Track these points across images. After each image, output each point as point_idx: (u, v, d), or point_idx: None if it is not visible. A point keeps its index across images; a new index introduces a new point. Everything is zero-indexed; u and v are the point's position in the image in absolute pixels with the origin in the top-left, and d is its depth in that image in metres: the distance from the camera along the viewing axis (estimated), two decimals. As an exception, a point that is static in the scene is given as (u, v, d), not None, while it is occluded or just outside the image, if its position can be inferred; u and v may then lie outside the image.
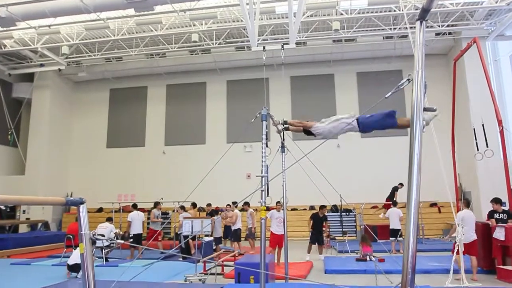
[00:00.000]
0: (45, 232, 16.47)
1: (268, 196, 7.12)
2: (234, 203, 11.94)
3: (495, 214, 8.17)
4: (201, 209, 15.20)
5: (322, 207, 10.89)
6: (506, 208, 9.48)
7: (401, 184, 13.93)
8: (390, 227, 11.47)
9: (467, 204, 8.13)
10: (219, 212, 13.25)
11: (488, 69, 10.80)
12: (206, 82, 19.42)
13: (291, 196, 7.37)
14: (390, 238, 11.40)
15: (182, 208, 11.84)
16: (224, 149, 6.97)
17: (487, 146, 8.90)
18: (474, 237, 7.67)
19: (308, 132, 4.76)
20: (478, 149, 9.24)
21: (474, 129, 9.69)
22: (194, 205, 12.65)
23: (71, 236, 10.46)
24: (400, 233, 11.13)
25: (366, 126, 4.46)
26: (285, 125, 5.27)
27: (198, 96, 19.34)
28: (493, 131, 10.46)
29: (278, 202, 9.69)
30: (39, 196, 16.00)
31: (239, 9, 13.14)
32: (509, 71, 16.08)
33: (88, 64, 18.84)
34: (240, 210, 12.20)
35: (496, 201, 8.24)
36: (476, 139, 9.52)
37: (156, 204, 12.14)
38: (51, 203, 2.89)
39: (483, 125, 9.10)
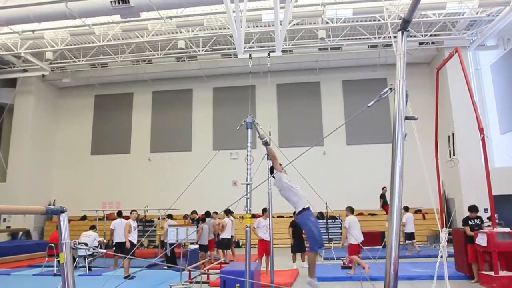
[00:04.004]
0: (26, 240, 16.07)
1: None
2: (227, 211, 11.68)
3: (469, 221, 8.35)
4: (186, 217, 15.09)
5: (295, 213, 10.90)
6: (488, 214, 9.67)
7: (385, 188, 14.38)
8: (407, 231, 12.27)
9: (352, 211, 9.56)
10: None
11: (470, 78, 11.05)
12: (193, 89, 19.38)
13: (277, 203, 7.36)
14: (406, 242, 12.27)
15: (169, 216, 11.71)
16: (210, 156, 6.95)
17: (454, 155, 9.20)
18: (362, 239, 9.01)
19: (271, 168, 5.99)
20: (450, 156, 9.49)
21: (449, 136, 9.94)
22: (169, 216, 12.32)
23: (53, 245, 10.23)
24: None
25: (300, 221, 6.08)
26: (265, 143, 5.80)
27: (185, 103, 19.27)
28: (475, 139, 10.67)
29: (264, 209, 9.65)
30: (21, 203, 15.68)
31: (225, 17, 13.20)
32: (490, 80, 16.50)
33: (72, 70, 18.63)
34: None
35: (472, 209, 8.54)
36: (449, 146, 9.79)
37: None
38: (31, 212, 2.83)
39: (453, 133, 9.38)
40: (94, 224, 12.13)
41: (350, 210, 9.71)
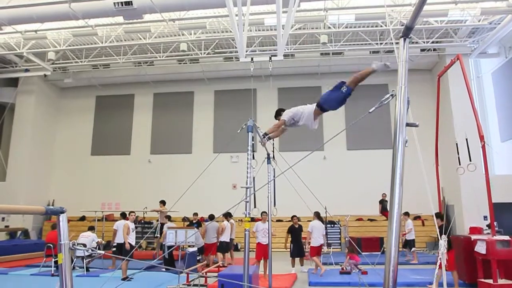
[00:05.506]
0: (25, 240, 16.05)
1: (255, 207, 7.17)
2: (227, 214, 11.58)
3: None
4: (186, 219, 15.08)
5: (293, 217, 10.88)
6: (488, 222, 9.65)
7: (385, 194, 14.31)
8: (409, 238, 12.09)
9: (318, 216, 10.27)
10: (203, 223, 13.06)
11: (471, 86, 11.04)
12: (194, 91, 19.39)
13: (276, 207, 7.36)
14: (413, 249, 12.08)
15: (168, 218, 11.72)
16: (210, 159, 6.94)
17: (470, 160, 9.04)
18: (321, 242, 10.00)
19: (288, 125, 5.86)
20: (460, 164, 9.38)
21: (456, 143, 9.86)
22: (163, 202, 12.67)
23: (51, 245, 10.21)
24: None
25: (325, 103, 5.65)
26: (267, 137, 5.63)
27: (186, 105, 19.29)
28: (475, 146, 10.67)
29: (263, 212, 9.63)
30: (20, 203, 15.68)
31: (228, 20, 13.23)
32: (491, 87, 16.51)
33: (74, 70, 18.66)
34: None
35: (437, 216, 8.55)
36: (458, 153, 9.69)
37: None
38: (30, 212, 2.83)
39: (466, 139, 9.26)
40: (93, 225, 12.11)
41: (317, 215, 10.31)
